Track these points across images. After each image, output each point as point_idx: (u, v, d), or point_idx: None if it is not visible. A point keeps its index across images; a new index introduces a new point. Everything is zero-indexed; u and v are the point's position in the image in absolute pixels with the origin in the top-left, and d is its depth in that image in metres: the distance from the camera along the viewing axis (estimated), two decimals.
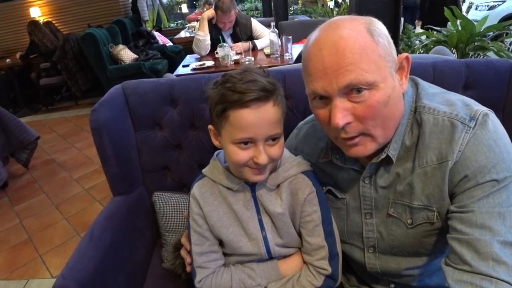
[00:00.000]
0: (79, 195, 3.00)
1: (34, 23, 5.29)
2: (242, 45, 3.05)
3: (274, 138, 0.79)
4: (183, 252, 1.01)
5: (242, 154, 0.78)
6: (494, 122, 0.70)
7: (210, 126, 0.86)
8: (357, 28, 0.68)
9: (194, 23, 5.45)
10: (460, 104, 0.73)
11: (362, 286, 1.00)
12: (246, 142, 0.78)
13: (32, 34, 5.25)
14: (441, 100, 0.76)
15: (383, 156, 0.77)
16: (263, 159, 0.77)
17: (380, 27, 0.71)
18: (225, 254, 0.97)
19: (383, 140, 0.74)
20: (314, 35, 0.72)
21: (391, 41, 0.71)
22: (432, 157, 0.73)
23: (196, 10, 7.26)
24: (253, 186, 0.90)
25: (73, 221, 2.64)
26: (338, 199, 0.91)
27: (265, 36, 3.26)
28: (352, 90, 0.67)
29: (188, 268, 0.98)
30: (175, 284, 1.16)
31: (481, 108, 0.71)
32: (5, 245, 2.48)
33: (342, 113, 0.68)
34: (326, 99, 0.70)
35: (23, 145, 3.23)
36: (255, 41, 3.24)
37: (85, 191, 3.04)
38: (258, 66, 0.85)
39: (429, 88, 0.80)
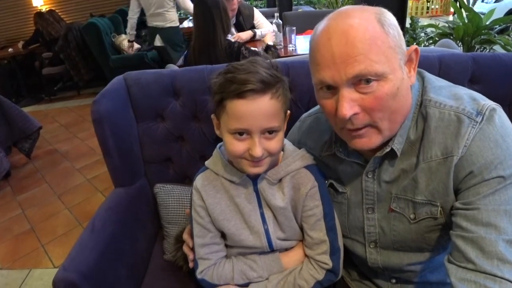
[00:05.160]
0: (81, 185, 3.01)
1: (38, 14, 5.31)
2: (244, 34, 3.04)
3: (271, 132, 0.79)
4: (185, 248, 1.01)
5: (237, 145, 0.78)
6: (501, 117, 0.69)
7: (213, 116, 0.86)
8: (367, 17, 0.66)
9: None
10: (467, 98, 0.72)
11: (363, 280, 1.00)
12: (242, 133, 0.77)
13: (37, 23, 5.27)
14: (447, 93, 0.74)
15: (387, 149, 0.76)
16: (257, 151, 0.77)
17: (390, 17, 0.69)
18: (227, 246, 0.97)
19: (389, 133, 0.73)
20: (322, 24, 0.70)
21: (401, 32, 0.70)
22: (437, 151, 0.71)
23: None
24: (255, 180, 0.89)
25: (76, 211, 2.66)
26: (339, 193, 0.91)
27: (264, 27, 3.26)
28: (361, 81, 0.66)
29: (190, 264, 0.98)
30: (176, 276, 1.17)
31: (489, 103, 0.70)
32: (8, 235, 2.50)
33: (349, 104, 0.66)
34: (333, 89, 0.69)
35: (25, 135, 3.23)
36: (255, 30, 3.23)
37: (87, 181, 3.05)
38: (266, 57, 0.84)
39: (435, 81, 0.79)
